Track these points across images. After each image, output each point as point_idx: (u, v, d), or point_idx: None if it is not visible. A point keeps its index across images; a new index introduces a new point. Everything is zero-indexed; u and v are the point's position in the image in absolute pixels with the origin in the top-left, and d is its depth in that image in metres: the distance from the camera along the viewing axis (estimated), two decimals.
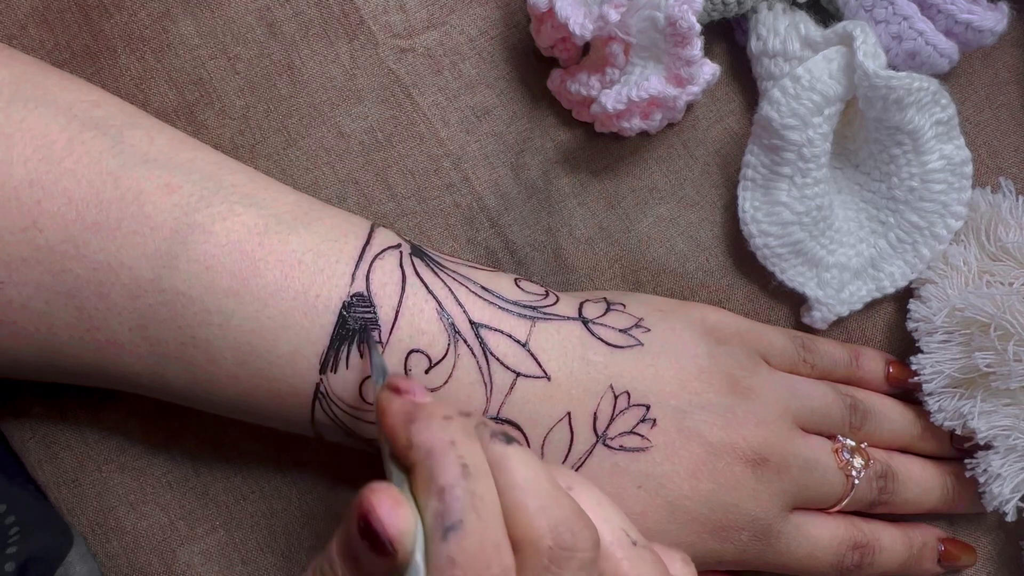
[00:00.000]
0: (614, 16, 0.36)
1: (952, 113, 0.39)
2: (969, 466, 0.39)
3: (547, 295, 0.37)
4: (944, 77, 0.41)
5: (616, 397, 0.35)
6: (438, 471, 0.26)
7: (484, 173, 0.41)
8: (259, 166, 0.40)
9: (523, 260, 0.41)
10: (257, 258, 0.33)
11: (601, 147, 0.42)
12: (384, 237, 0.35)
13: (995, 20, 0.39)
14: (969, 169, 0.40)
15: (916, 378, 0.40)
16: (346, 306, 0.33)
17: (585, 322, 0.36)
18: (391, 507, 0.26)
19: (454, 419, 0.28)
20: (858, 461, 0.38)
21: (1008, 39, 0.43)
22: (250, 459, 0.40)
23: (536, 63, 0.42)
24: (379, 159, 0.41)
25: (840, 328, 0.42)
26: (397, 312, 0.34)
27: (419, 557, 0.26)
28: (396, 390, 0.29)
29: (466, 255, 0.41)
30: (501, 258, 0.41)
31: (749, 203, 0.40)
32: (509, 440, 0.28)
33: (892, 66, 0.39)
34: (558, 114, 0.42)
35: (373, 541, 0.26)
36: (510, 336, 0.35)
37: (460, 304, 0.34)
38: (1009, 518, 0.38)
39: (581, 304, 0.37)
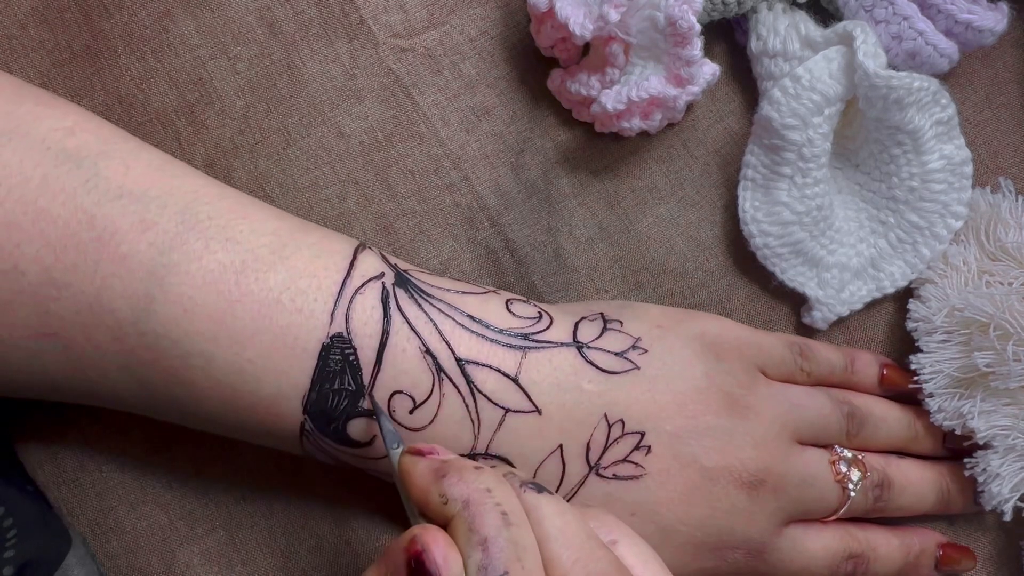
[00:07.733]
0: (614, 16, 0.36)
1: (952, 113, 0.39)
2: (968, 465, 0.39)
3: (540, 318, 0.36)
4: (944, 77, 0.41)
5: (610, 426, 0.34)
6: (478, 521, 0.26)
7: (484, 173, 0.41)
8: (259, 166, 0.40)
9: (523, 260, 0.41)
10: (233, 299, 0.32)
11: (601, 147, 0.42)
12: (366, 266, 0.34)
13: (995, 20, 0.39)
14: (969, 169, 0.40)
15: (916, 378, 0.40)
16: (325, 348, 0.32)
17: (579, 347, 0.35)
18: (446, 549, 0.26)
19: (484, 469, 0.28)
20: (855, 474, 0.38)
21: (1008, 39, 0.43)
22: (250, 459, 0.40)
23: (536, 63, 0.42)
24: (379, 159, 0.41)
25: (840, 328, 0.42)
26: (379, 353, 0.33)
27: None
28: (419, 453, 0.29)
29: (466, 255, 0.41)
30: (501, 258, 0.41)
31: (749, 203, 0.40)
32: (540, 489, 0.28)
33: (892, 66, 0.39)
34: (558, 114, 0.42)
35: None
36: (499, 371, 0.34)
37: (445, 340, 0.33)
38: (1007, 518, 0.38)
39: (576, 325, 0.36)
